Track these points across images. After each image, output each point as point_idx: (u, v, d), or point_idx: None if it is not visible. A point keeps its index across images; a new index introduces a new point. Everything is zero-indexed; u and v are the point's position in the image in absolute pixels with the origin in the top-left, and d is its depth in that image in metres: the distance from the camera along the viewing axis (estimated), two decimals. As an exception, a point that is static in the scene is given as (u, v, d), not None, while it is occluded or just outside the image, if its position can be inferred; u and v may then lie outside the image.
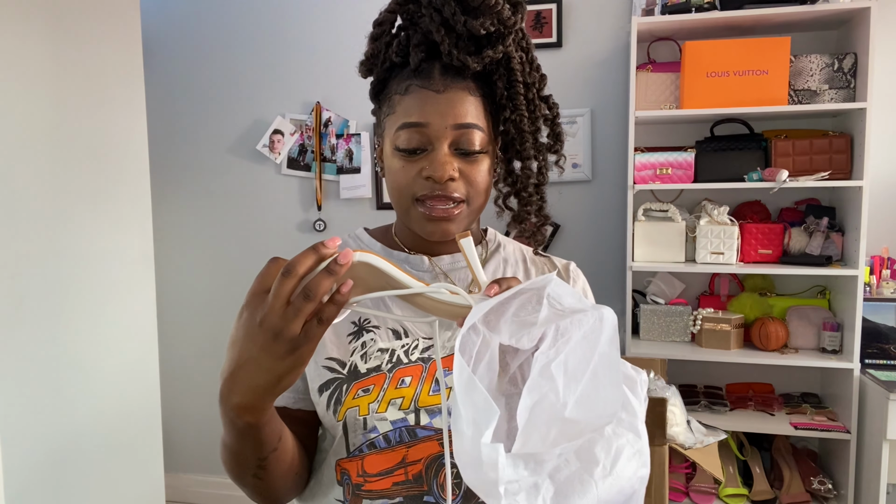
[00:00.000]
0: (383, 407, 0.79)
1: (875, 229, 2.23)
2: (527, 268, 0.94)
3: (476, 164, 0.81)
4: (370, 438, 0.79)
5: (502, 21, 0.77)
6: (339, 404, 0.80)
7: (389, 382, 0.80)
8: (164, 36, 2.88)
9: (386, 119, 0.83)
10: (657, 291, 2.41)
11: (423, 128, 0.78)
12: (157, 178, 2.92)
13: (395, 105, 0.81)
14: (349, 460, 0.81)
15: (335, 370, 0.81)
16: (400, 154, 0.80)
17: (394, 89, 0.82)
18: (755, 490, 2.15)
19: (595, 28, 2.48)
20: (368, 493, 0.79)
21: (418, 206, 0.80)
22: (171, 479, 3.03)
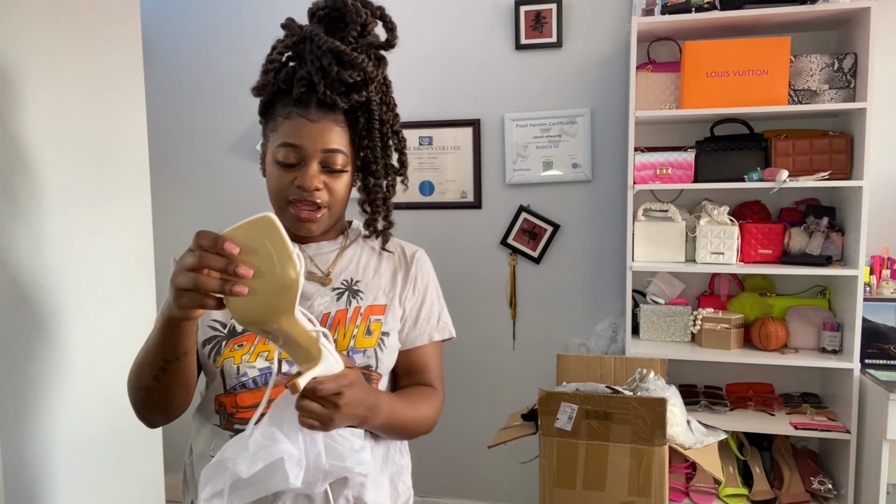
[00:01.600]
0: (253, 358, 1.04)
1: (875, 229, 2.23)
2: (379, 252, 1.18)
3: (337, 179, 1.05)
4: (241, 381, 1.04)
5: (366, 73, 1.02)
6: (218, 355, 1.04)
7: (259, 340, 1.05)
8: (164, 36, 2.88)
9: (270, 134, 1.05)
10: (657, 291, 2.41)
11: (298, 148, 1.01)
12: (157, 178, 2.92)
13: (278, 125, 1.03)
14: (225, 396, 1.06)
15: (217, 329, 1.06)
16: (279, 166, 1.03)
17: (278, 111, 1.04)
18: (755, 490, 2.16)
19: (595, 28, 2.48)
20: (239, 420, 1.04)
21: (290, 207, 1.03)
22: (171, 479, 3.03)
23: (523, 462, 2.21)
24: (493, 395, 2.66)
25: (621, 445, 1.70)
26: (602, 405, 1.71)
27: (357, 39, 1.03)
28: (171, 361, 0.94)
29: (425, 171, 2.65)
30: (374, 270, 1.15)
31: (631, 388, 1.85)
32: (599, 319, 2.57)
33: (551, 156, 2.53)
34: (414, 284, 1.17)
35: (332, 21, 1.04)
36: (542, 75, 2.54)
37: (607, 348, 2.51)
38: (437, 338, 1.19)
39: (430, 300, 1.20)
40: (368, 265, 1.15)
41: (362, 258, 1.16)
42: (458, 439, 2.67)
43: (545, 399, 1.75)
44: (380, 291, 1.14)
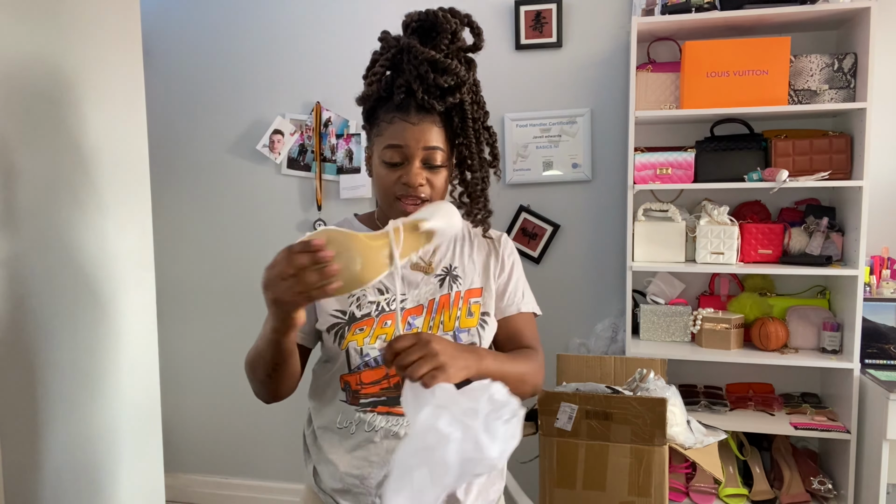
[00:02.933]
0: (373, 340, 1.17)
1: (875, 229, 2.23)
2: (471, 240, 1.30)
3: (438, 174, 1.17)
4: (365, 360, 1.17)
5: (459, 77, 1.14)
6: (342, 339, 1.17)
7: (377, 324, 1.18)
8: (164, 36, 2.88)
9: (376, 138, 1.18)
10: (657, 291, 2.41)
11: (402, 148, 1.14)
12: (157, 178, 2.92)
13: (382, 130, 1.16)
14: (350, 375, 1.18)
15: (338, 317, 1.18)
16: (385, 166, 1.15)
17: (381, 117, 1.17)
18: (755, 490, 2.16)
19: (595, 28, 2.48)
20: (364, 395, 1.18)
21: (398, 202, 1.15)
22: (171, 479, 3.03)
23: (523, 462, 2.21)
24: (493, 395, 2.66)
25: (621, 445, 1.70)
26: (602, 405, 1.71)
27: (448, 46, 1.13)
28: (279, 364, 1.06)
29: (425, 171, 2.65)
30: (469, 256, 1.27)
31: (631, 388, 1.85)
32: (599, 319, 2.57)
33: (551, 156, 2.53)
34: (502, 265, 1.29)
35: (425, 31, 1.14)
36: (542, 75, 2.54)
37: (607, 348, 2.51)
38: (525, 310, 1.29)
39: (516, 277, 1.31)
40: (463, 251, 1.27)
41: (457, 245, 1.28)
42: (458, 439, 2.67)
43: (545, 399, 1.75)
44: (475, 275, 1.26)
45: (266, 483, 2.95)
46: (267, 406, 3.11)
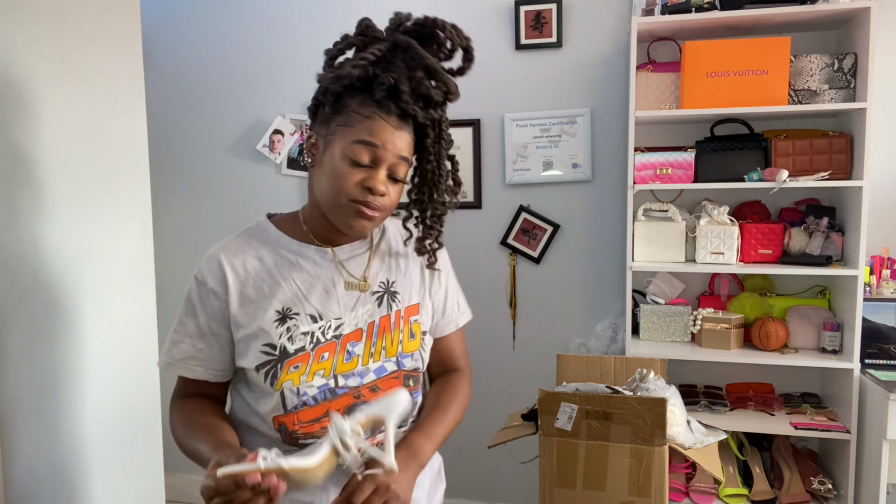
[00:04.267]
0: (310, 378, 1.05)
1: (875, 229, 2.23)
2: (405, 250, 1.20)
3: (397, 187, 1.07)
4: (302, 400, 1.05)
5: (449, 92, 1.06)
6: (275, 379, 1.04)
7: (313, 359, 1.06)
8: (164, 36, 2.88)
9: (339, 127, 1.03)
10: (657, 291, 2.41)
11: (376, 149, 1.02)
12: (157, 178, 2.92)
13: (353, 122, 1.02)
14: (285, 416, 1.06)
15: (269, 353, 1.05)
16: (349, 162, 1.02)
17: (354, 108, 1.03)
18: (755, 490, 2.16)
19: (595, 28, 2.48)
20: (303, 435, 1.06)
21: (351, 206, 1.02)
22: (171, 479, 3.03)
23: (523, 462, 2.21)
24: (493, 395, 2.66)
25: (621, 445, 1.70)
26: (602, 405, 1.71)
27: (442, 59, 1.07)
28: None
29: (425, 171, 2.65)
30: (405, 269, 1.18)
31: (631, 388, 1.85)
32: (599, 319, 2.57)
33: (551, 156, 2.53)
34: (438, 276, 1.23)
35: (421, 37, 1.07)
36: (542, 75, 2.54)
37: (607, 348, 2.51)
38: (462, 323, 1.27)
39: (453, 288, 1.26)
40: (398, 264, 1.18)
41: (392, 257, 1.19)
42: (458, 439, 2.67)
43: (545, 399, 1.75)
44: (413, 290, 1.18)
45: (266, 483, 2.95)
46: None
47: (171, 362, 1.09)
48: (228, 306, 1.07)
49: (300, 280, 1.09)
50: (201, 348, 1.08)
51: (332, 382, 1.06)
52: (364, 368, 1.09)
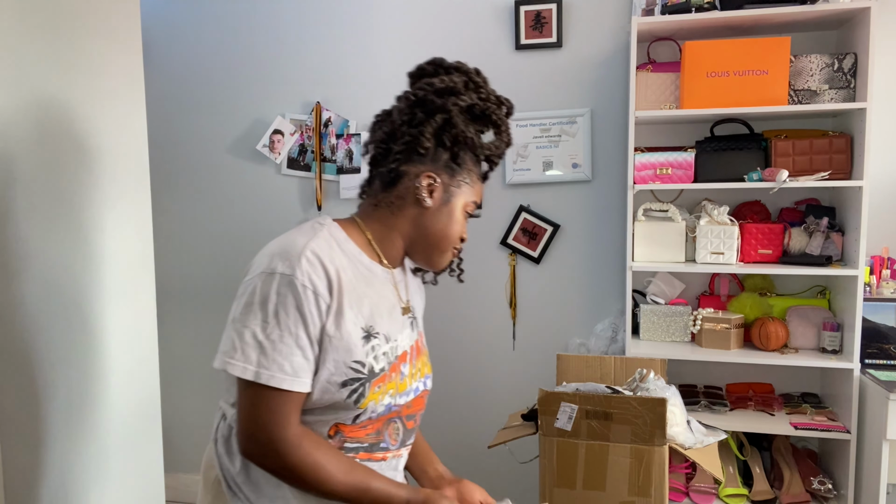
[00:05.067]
0: (384, 397, 1.09)
1: (875, 229, 2.23)
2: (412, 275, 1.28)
3: None
4: (370, 416, 1.09)
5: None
6: (362, 397, 1.05)
7: (388, 380, 1.10)
8: (164, 36, 2.88)
9: (463, 184, 1.14)
10: (657, 291, 2.41)
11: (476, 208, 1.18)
12: (157, 178, 2.91)
13: (473, 181, 1.16)
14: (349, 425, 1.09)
15: (358, 371, 1.05)
16: (465, 216, 1.16)
17: (472, 169, 1.15)
18: (755, 490, 2.16)
19: (595, 28, 2.48)
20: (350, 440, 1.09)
21: (451, 252, 1.16)
22: (171, 479, 3.03)
23: (523, 462, 2.21)
24: (493, 395, 2.66)
25: (621, 445, 1.70)
26: (602, 405, 1.71)
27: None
28: None
29: (425, 171, 2.65)
30: (416, 293, 1.26)
31: (631, 388, 1.85)
32: (599, 319, 2.57)
33: (551, 156, 2.53)
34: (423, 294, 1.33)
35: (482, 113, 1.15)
36: (542, 75, 2.54)
37: (607, 348, 2.51)
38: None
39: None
40: (413, 288, 1.25)
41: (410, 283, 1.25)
42: (458, 439, 2.67)
43: (545, 399, 1.75)
44: (420, 313, 1.27)
45: (266, 483, 2.95)
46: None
47: (284, 377, 0.98)
48: (327, 315, 1.01)
49: (375, 298, 1.10)
50: (310, 359, 1.01)
51: (392, 401, 1.11)
52: (409, 389, 1.15)
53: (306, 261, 1.00)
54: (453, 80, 1.12)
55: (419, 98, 1.10)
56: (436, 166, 1.11)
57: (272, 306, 0.99)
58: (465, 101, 1.10)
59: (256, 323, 0.99)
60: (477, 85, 1.14)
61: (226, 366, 0.98)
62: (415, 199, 1.11)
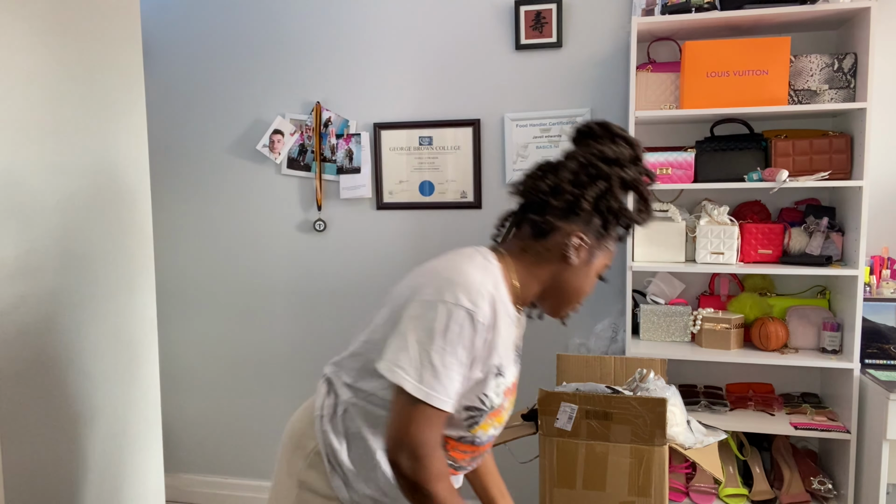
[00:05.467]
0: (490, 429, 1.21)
1: (875, 229, 2.23)
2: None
3: None
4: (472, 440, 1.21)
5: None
6: (475, 425, 1.17)
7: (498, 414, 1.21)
8: (164, 36, 2.88)
9: (604, 247, 1.21)
10: (657, 291, 2.41)
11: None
12: (158, 178, 2.92)
13: (611, 246, 1.23)
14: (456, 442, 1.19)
15: (482, 402, 1.16)
16: (598, 278, 1.26)
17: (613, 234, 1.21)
18: (755, 490, 2.16)
19: (595, 28, 2.48)
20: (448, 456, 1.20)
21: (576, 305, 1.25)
22: (171, 479, 3.03)
23: (523, 462, 2.21)
24: (493, 395, 2.66)
25: (621, 445, 1.70)
26: (602, 405, 1.71)
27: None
28: None
29: (425, 172, 2.65)
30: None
31: (631, 388, 1.85)
32: (599, 319, 2.57)
33: (551, 156, 2.53)
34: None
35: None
36: (542, 75, 2.54)
37: (607, 348, 2.50)
38: None
39: None
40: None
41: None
42: (458, 439, 2.68)
43: (545, 399, 1.75)
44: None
45: (266, 483, 2.95)
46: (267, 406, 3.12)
47: (447, 400, 1.08)
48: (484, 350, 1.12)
49: (508, 338, 1.18)
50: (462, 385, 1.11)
51: (494, 433, 1.23)
52: (503, 421, 1.25)
53: (484, 300, 1.09)
54: (622, 151, 1.16)
55: (587, 161, 1.16)
56: (587, 228, 1.17)
57: (452, 336, 1.07)
58: (628, 174, 1.16)
59: (435, 349, 1.07)
60: (639, 160, 1.18)
61: (397, 378, 1.07)
62: (561, 254, 1.18)
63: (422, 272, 1.17)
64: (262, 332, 2.89)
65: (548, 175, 1.20)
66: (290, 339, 2.86)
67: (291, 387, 2.87)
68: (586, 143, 1.19)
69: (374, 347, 1.16)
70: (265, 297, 2.87)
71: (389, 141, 2.67)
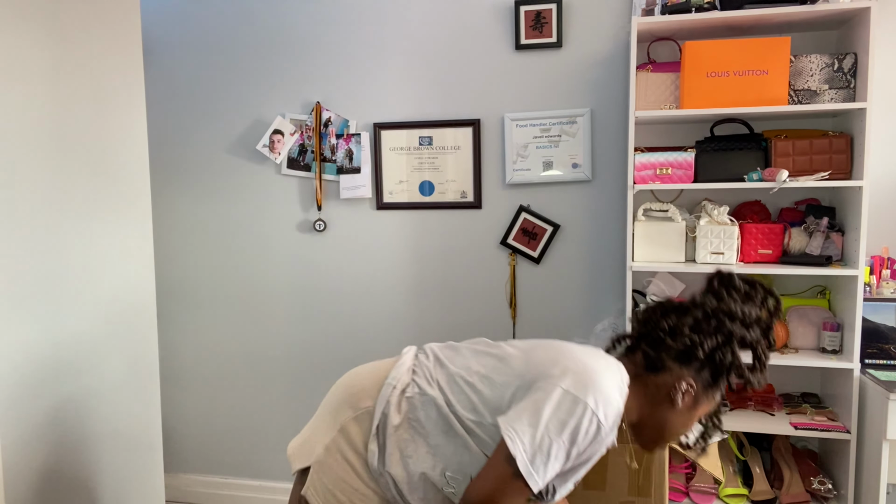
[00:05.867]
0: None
1: (875, 229, 2.23)
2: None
3: None
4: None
5: None
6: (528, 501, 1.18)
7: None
8: (164, 36, 2.88)
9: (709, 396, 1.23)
10: (657, 291, 2.41)
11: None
12: (157, 178, 2.92)
13: (716, 396, 1.24)
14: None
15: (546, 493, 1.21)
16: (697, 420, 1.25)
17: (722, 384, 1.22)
18: (755, 490, 2.16)
19: (595, 28, 2.48)
20: None
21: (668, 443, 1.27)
22: (171, 479, 3.03)
23: (523, 462, 2.20)
24: (493, 395, 2.66)
25: (621, 445, 1.70)
26: (602, 405, 1.70)
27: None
28: None
29: (425, 171, 2.65)
30: None
31: (631, 388, 1.85)
32: (599, 319, 2.57)
33: (551, 156, 2.53)
34: None
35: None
36: (542, 75, 2.54)
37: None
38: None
39: None
40: None
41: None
42: (458, 439, 2.68)
43: (545, 399, 1.75)
44: None
45: (266, 483, 2.95)
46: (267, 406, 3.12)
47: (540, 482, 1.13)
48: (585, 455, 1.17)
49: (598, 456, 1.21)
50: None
51: None
52: None
53: (613, 419, 1.14)
54: (757, 315, 1.20)
55: (718, 311, 1.20)
56: (697, 376, 1.20)
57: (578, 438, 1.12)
58: (751, 337, 1.19)
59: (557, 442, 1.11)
60: (768, 329, 1.22)
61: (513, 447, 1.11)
62: (668, 394, 1.21)
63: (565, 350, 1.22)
64: (262, 331, 2.89)
65: (670, 315, 1.23)
66: (290, 339, 2.86)
67: (291, 386, 2.88)
68: (720, 294, 1.23)
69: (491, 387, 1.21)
70: (265, 296, 2.87)
71: (389, 141, 2.67)
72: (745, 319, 1.19)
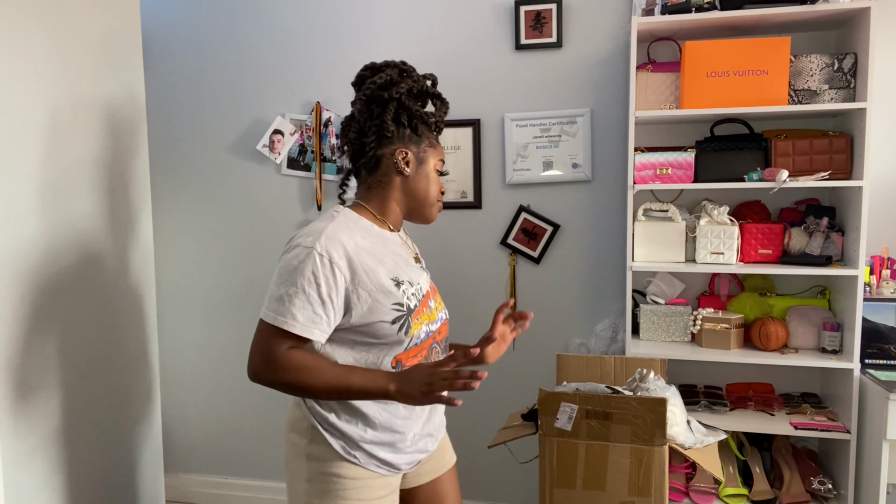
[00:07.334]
0: (422, 326, 1.40)
1: (875, 229, 2.23)
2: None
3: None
4: (415, 342, 1.39)
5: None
6: (409, 328, 1.36)
7: (422, 313, 1.40)
8: (164, 36, 2.88)
9: (428, 149, 1.43)
10: (657, 291, 2.41)
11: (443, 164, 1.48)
12: (157, 178, 2.92)
13: (434, 144, 1.45)
14: (403, 353, 1.38)
15: (399, 310, 1.34)
16: (437, 174, 1.45)
17: (427, 135, 1.44)
18: (755, 490, 2.16)
19: (595, 28, 2.48)
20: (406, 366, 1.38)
21: (437, 204, 1.46)
22: (171, 479, 3.03)
23: (523, 462, 2.21)
24: (493, 395, 2.66)
25: (621, 445, 1.70)
26: (602, 405, 1.71)
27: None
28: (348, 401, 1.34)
29: (425, 171, 2.65)
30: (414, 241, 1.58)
31: (631, 388, 1.85)
32: (599, 319, 2.57)
33: (551, 156, 2.53)
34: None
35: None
36: (542, 75, 2.54)
37: (607, 348, 2.51)
38: None
39: None
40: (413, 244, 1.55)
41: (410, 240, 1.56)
42: (459, 439, 2.67)
43: (545, 399, 1.75)
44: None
45: (266, 483, 2.95)
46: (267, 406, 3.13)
47: (294, 324, 1.27)
48: (348, 279, 1.29)
49: (392, 255, 1.39)
50: (320, 314, 1.28)
51: (428, 329, 1.41)
52: (437, 318, 1.46)
53: (325, 239, 1.29)
54: (389, 74, 1.39)
55: (369, 96, 1.38)
56: (403, 142, 1.40)
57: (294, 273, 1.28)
58: (405, 86, 1.38)
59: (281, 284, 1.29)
60: (408, 72, 1.41)
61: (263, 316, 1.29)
62: (396, 171, 1.41)
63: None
64: (262, 332, 2.89)
65: (350, 125, 1.42)
66: (290, 339, 2.86)
67: (291, 387, 2.87)
68: (360, 86, 1.43)
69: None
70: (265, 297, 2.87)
71: (389, 141, 2.67)
72: (391, 80, 1.38)
